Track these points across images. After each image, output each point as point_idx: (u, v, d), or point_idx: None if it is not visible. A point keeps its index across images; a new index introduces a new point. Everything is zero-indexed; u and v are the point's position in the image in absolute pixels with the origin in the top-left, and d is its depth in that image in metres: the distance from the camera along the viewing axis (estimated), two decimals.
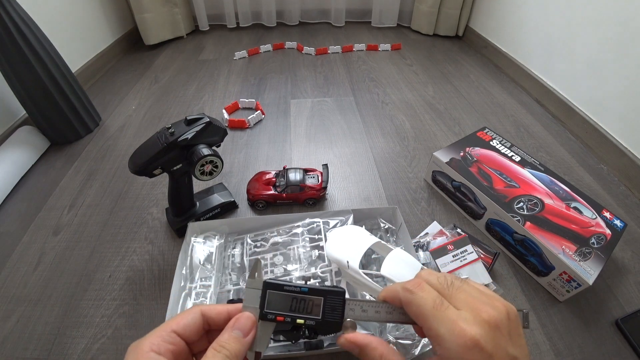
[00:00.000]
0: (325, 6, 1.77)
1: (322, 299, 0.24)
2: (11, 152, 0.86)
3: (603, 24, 0.94)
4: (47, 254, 0.68)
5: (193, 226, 0.63)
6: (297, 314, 0.24)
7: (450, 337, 0.19)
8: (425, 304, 0.21)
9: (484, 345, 0.19)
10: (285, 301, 0.24)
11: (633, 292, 0.64)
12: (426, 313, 0.21)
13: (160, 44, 1.57)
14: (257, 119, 1.06)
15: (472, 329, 0.19)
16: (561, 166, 0.92)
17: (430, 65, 1.42)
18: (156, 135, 0.57)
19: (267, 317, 0.24)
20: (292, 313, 0.24)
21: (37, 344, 0.55)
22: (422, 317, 0.21)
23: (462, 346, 0.19)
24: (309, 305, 0.24)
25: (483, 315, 0.20)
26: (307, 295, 0.24)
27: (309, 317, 0.24)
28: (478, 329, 0.19)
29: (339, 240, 0.58)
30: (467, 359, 0.19)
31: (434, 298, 0.21)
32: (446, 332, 0.19)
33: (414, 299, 0.22)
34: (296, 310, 0.24)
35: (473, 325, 0.19)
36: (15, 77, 0.83)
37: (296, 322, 0.24)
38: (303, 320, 0.24)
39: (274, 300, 0.24)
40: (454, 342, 0.19)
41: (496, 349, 0.19)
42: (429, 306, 0.21)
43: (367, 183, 0.85)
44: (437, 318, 0.20)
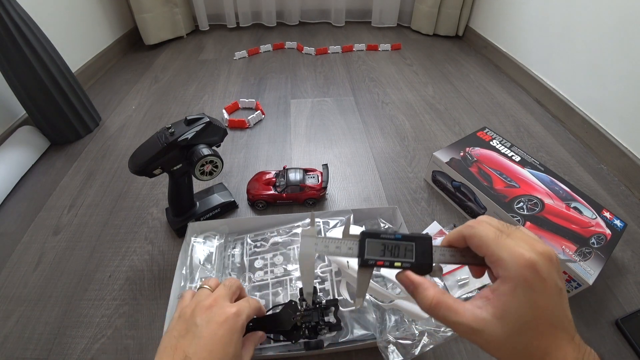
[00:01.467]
0: (325, 6, 1.77)
1: (413, 244, 0.26)
2: (11, 152, 0.86)
3: (603, 24, 0.94)
4: (47, 254, 0.68)
5: (193, 226, 0.63)
6: (393, 257, 0.26)
7: (511, 259, 0.22)
8: (487, 235, 0.24)
9: (540, 269, 0.21)
10: (381, 248, 0.26)
11: (633, 292, 0.64)
12: (488, 242, 0.23)
13: (160, 44, 1.57)
14: (257, 119, 1.06)
15: (529, 254, 0.22)
16: (561, 166, 0.92)
17: (430, 65, 1.42)
18: (156, 135, 0.57)
19: (368, 262, 0.26)
20: (390, 257, 0.26)
21: (37, 344, 0.55)
22: (484, 246, 0.23)
23: (521, 266, 0.21)
24: (403, 250, 0.26)
25: (537, 248, 0.22)
26: (400, 242, 0.26)
27: (404, 260, 0.26)
28: (534, 255, 0.22)
29: None
30: (526, 276, 0.21)
31: (496, 231, 0.24)
32: (507, 256, 0.22)
33: (476, 232, 0.24)
34: (392, 255, 0.26)
35: (529, 252, 0.22)
36: (15, 77, 0.83)
37: (394, 265, 0.26)
38: (400, 263, 0.26)
39: (371, 247, 0.26)
40: (514, 262, 0.22)
41: (549, 275, 0.21)
42: (491, 236, 0.23)
43: (367, 183, 0.85)
44: (499, 245, 0.23)
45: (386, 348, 0.52)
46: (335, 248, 0.27)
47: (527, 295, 0.21)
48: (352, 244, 0.27)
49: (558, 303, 0.22)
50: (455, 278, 0.62)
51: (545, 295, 0.21)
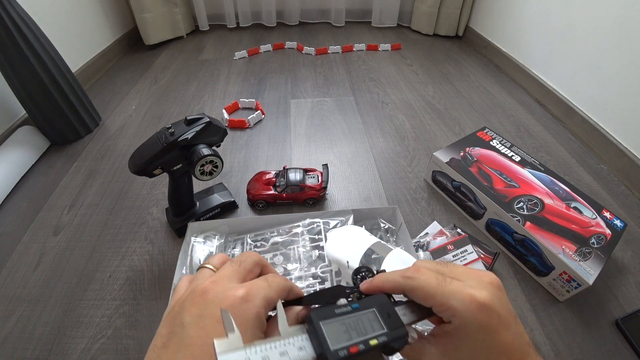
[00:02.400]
0: (325, 6, 1.77)
1: (375, 310, 0.21)
2: (11, 152, 0.86)
3: (603, 24, 0.94)
4: (47, 254, 0.68)
5: (193, 226, 0.63)
6: (363, 337, 0.19)
7: (462, 305, 0.20)
8: (429, 284, 0.21)
9: (494, 306, 0.20)
10: (341, 329, 0.19)
11: (633, 292, 0.64)
12: (432, 292, 0.21)
13: (160, 44, 1.57)
14: (257, 119, 1.06)
15: (480, 293, 0.20)
16: (561, 166, 0.92)
17: (430, 65, 1.42)
18: (156, 135, 0.57)
19: (339, 356, 0.17)
20: (360, 337, 0.19)
21: (37, 344, 0.55)
22: (429, 297, 0.21)
23: (474, 310, 0.20)
24: (367, 322, 0.20)
25: (485, 279, 0.21)
26: (359, 312, 0.20)
27: (377, 334, 0.19)
28: (485, 292, 0.20)
29: (339, 240, 0.58)
30: (482, 319, 0.20)
31: (436, 277, 0.22)
32: (457, 302, 0.20)
33: (417, 284, 0.22)
34: (359, 334, 0.19)
35: (480, 290, 0.20)
36: (15, 77, 0.83)
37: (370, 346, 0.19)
38: (377, 340, 0.19)
39: (332, 332, 0.18)
40: (467, 309, 0.20)
41: (502, 308, 0.20)
42: (433, 285, 0.21)
43: (367, 183, 0.85)
44: (445, 292, 0.21)
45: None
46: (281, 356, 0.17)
47: (487, 340, 0.20)
48: (302, 341, 0.18)
49: (517, 331, 0.21)
50: None
51: (506, 330, 0.20)
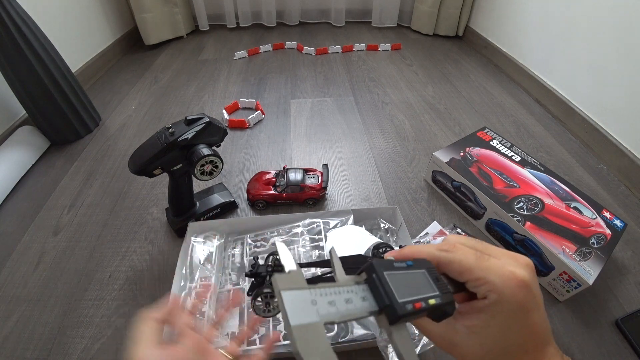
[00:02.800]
0: (325, 6, 1.77)
1: (424, 271, 0.20)
2: (11, 152, 0.86)
3: (603, 24, 0.94)
4: (47, 254, 0.68)
5: (193, 226, 0.63)
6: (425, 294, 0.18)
7: (502, 280, 0.20)
8: (467, 258, 0.21)
9: (532, 286, 0.20)
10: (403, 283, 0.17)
11: (633, 292, 0.64)
12: (471, 266, 0.21)
13: (160, 44, 1.57)
14: (257, 119, 1.06)
15: (520, 272, 0.20)
16: (561, 166, 0.92)
17: (430, 65, 1.42)
18: (156, 135, 0.57)
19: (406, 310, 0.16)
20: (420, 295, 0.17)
21: (37, 344, 0.55)
22: (467, 271, 0.21)
23: (514, 287, 0.20)
24: (420, 282, 0.19)
25: (521, 261, 0.21)
26: (413, 270, 0.19)
27: (433, 294, 0.19)
28: (524, 272, 0.21)
29: (339, 240, 0.58)
30: (520, 297, 0.20)
31: (474, 252, 0.22)
32: (496, 278, 0.20)
33: (454, 257, 0.22)
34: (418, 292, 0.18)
35: (519, 269, 0.21)
36: (15, 77, 0.83)
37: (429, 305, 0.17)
38: (434, 300, 0.18)
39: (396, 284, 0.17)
40: (506, 284, 0.20)
41: (536, 288, 0.21)
42: (472, 259, 0.21)
43: (367, 183, 0.85)
44: (484, 268, 0.21)
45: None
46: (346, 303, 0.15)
47: (524, 320, 0.20)
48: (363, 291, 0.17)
49: (544, 316, 0.21)
50: None
51: (538, 312, 0.21)
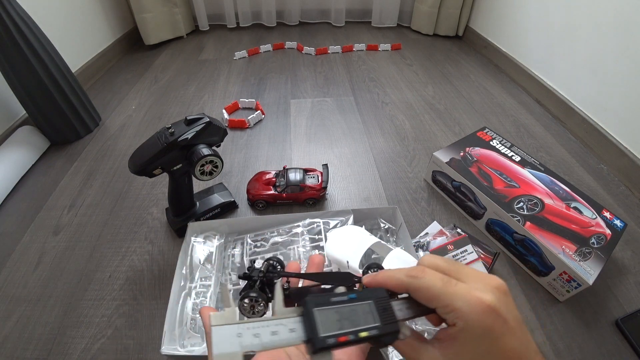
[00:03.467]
0: (325, 6, 1.77)
1: (372, 302, 0.21)
2: (11, 152, 0.86)
3: (603, 24, 0.94)
4: (47, 254, 0.68)
5: (193, 226, 0.63)
6: (355, 327, 0.19)
7: (468, 307, 0.20)
8: (434, 285, 0.21)
9: (500, 311, 0.20)
10: (334, 317, 0.19)
11: (633, 292, 0.64)
12: (437, 292, 0.21)
13: (160, 44, 1.57)
14: (257, 119, 1.06)
15: (486, 296, 0.20)
16: (561, 166, 0.92)
17: (430, 65, 1.42)
18: (156, 135, 0.57)
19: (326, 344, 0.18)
20: (351, 328, 0.19)
21: (37, 344, 0.55)
22: (434, 298, 0.21)
23: (480, 314, 0.19)
24: (361, 314, 0.20)
25: (492, 283, 0.21)
26: (356, 303, 0.20)
27: (369, 327, 0.20)
28: (491, 296, 0.20)
29: (339, 240, 0.58)
30: (487, 323, 0.19)
31: (442, 277, 0.21)
32: (463, 304, 0.20)
33: (422, 283, 0.21)
34: (352, 324, 0.19)
35: (486, 293, 0.20)
36: (15, 77, 0.83)
37: (359, 337, 0.19)
38: (367, 332, 0.19)
39: (324, 320, 0.19)
40: (472, 311, 0.20)
41: (508, 313, 0.20)
42: (439, 285, 0.21)
43: (367, 183, 0.85)
44: (450, 294, 0.20)
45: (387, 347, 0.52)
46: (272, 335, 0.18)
47: (490, 345, 0.20)
48: (294, 323, 0.19)
49: (523, 339, 0.20)
50: None
51: (511, 337, 0.20)
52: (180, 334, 0.51)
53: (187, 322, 0.53)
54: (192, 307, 0.54)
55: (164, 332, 0.49)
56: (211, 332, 0.17)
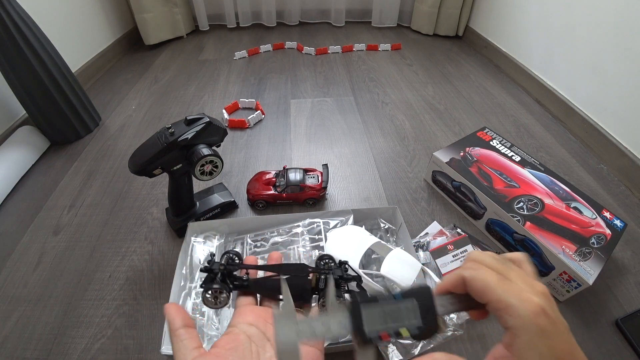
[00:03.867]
0: (325, 6, 1.77)
1: (415, 300, 0.22)
2: (11, 152, 0.86)
3: (603, 24, 0.94)
4: (47, 254, 0.68)
5: (193, 226, 0.63)
6: (398, 325, 0.21)
7: (521, 304, 0.20)
8: (490, 278, 0.22)
9: (549, 312, 0.21)
10: (381, 314, 0.21)
11: (633, 292, 0.64)
12: (493, 286, 0.22)
13: (160, 44, 1.57)
14: (257, 119, 1.06)
15: (536, 298, 0.21)
16: (561, 166, 0.92)
17: (430, 65, 1.42)
18: (156, 135, 0.57)
19: (369, 339, 0.21)
20: (393, 324, 0.21)
21: (37, 344, 0.55)
22: (489, 290, 0.22)
23: (533, 312, 0.20)
24: (404, 312, 0.22)
25: (537, 288, 0.22)
26: (401, 302, 0.22)
27: (410, 324, 0.22)
28: (539, 298, 0.21)
29: (339, 240, 0.58)
30: (539, 324, 0.20)
31: (496, 275, 0.22)
32: (516, 301, 0.21)
33: (477, 276, 0.22)
34: (394, 321, 0.21)
35: (535, 295, 0.21)
36: (15, 77, 0.83)
37: (399, 334, 0.21)
38: (407, 330, 0.21)
39: (370, 317, 0.21)
40: (525, 309, 0.20)
41: (556, 315, 0.21)
42: (495, 280, 0.22)
43: (367, 183, 0.85)
44: (505, 290, 0.21)
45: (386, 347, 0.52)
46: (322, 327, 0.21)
47: (546, 344, 0.20)
48: (342, 317, 0.21)
49: (571, 342, 0.21)
50: None
51: (561, 339, 0.21)
52: None
53: None
54: (192, 307, 0.54)
55: (164, 332, 0.49)
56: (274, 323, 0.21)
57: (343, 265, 0.31)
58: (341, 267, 0.31)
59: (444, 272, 0.62)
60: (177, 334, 0.26)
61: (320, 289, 0.29)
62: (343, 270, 0.31)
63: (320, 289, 0.29)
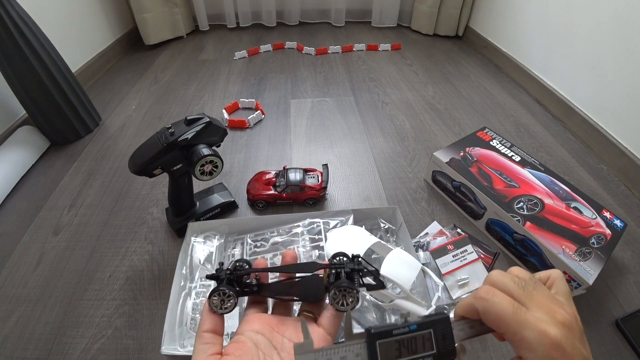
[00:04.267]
0: (325, 6, 1.77)
1: (431, 331, 0.22)
2: (11, 152, 0.86)
3: (603, 24, 0.94)
4: (47, 254, 0.68)
5: (193, 226, 0.63)
6: (412, 355, 0.22)
7: (536, 338, 0.20)
8: (504, 310, 0.21)
9: (565, 346, 0.19)
10: (396, 347, 0.22)
11: (633, 292, 0.64)
12: (507, 319, 0.21)
13: (160, 44, 1.57)
14: (257, 119, 1.06)
15: (553, 330, 0.20)
16: (561, 166, 0.92)
17: (430, 65, 1.42)
18: (156, 135, 0.57)
19: None
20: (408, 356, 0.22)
21: (37, 344, 0.55)
22: (503, 323, 0.21)
23: (547, 347, 0.19)
24: (421, 341, 0.22)
25: (558, 317, 0.21)
26: (417, 332, 0.22)
27: (425, 354, 0.22)
28: (557, 330, 0.20)
29: (339, 240, 0.58)
30: (553, 358, 0.19)
31: (512, 303, 0.21)
32: (531, 335, 0.20)
33: (491, 307, 0.21)
34: (410, 352, 0.22)
35: (553, 327, 0.20)
36: (15, 77, 0.83)
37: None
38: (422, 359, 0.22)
39: (385, 350, 0.22)
40: (540, 343, 0.19)
41: (573, 349, 0.20)
42: (509, 311, 0.21)
43: (367, 183, 0.85)
44: (520, 322, 0.20)
45: None
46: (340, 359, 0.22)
47: None
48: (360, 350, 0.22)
49: None
50: (455, 278, 0.62)
51: None
52: (180, 334, 0.51)
53: (187, 322, 0.53)
54: (192, 307, 0.54)
55: (164, 332, 0.49)
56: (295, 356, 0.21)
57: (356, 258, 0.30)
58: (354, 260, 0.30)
59: (444, 272, 0.62)
60: (201, 336, 0.26)
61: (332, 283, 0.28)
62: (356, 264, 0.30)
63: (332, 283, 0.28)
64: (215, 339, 0.26)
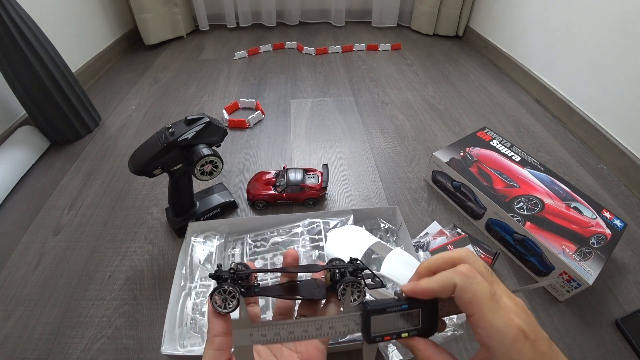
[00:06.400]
0: (325, 6, 1.77)
1: (420, 310, 0.25)
2: (11, 152, 0.86)
3: (603, 24, 0.94)
4: (47, 254, 0.68)
5: (193, 226, 0.63)
6: (400, 329, 0.24)
7: (505, 329, 0.19)
8: (482, 292, 0.20)
9: (528, 333, 0.19)
10: (387, 321, 0.25)
11: (633, 292, 0.64)
12: (482, 302, 0.20)
13: (160, 44, 1.57)
14: (257, 119, 1.06)
15: (518, 319, 0.20)
16: (561, 166, 0.92)
17: (430, 65, 1.42)
18: (156, 135, 0.57)
19: (375, 340, 0.24)
20: (396, 330, 0.24)
21: (37, 344, 0.55)
22: (477, 305, 0.20)
23: (513, 337, 0.19)
24: (409, 318, 0.25)
25: (519, 304, 0.21)
26: (408, 311, 0.25)
27: (411, 328, 0.25)
28: (520, 318, 0.20)
29: (339, 240, 0.58)
30: (519, 349, 0.19)
31: (489, 287, 0.21)
32: (501, 324, 0.19)
33: (470, 286, 0.21)
34: (398, 326, 0.25)
35: (517, 315, 0.20)
36: (15, 77, 0.83)
37: (401, 336, 0.24)
38: (407, 333, 0.24)
39: (377, 324, 0.24)
40: (508, 334, 0.19)
41: (535, 333, 0.20)
42: (486, 295, 0.20)
43: (367, 183, 0.85)
44: (494, 309, 0.20)
45: (386, 347, 0.52)
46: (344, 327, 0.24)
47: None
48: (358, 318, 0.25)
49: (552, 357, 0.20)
50: None
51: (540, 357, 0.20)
52: (180, 334, 0.51)
53: (187, 322, 0.53)
54: (192, 307, 0.54)
55: (164, 332, 0.49)
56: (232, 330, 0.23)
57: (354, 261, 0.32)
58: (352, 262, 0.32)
59: None
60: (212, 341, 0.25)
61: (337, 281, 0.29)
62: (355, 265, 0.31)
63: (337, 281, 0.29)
64: (226, 343, 0.25)
